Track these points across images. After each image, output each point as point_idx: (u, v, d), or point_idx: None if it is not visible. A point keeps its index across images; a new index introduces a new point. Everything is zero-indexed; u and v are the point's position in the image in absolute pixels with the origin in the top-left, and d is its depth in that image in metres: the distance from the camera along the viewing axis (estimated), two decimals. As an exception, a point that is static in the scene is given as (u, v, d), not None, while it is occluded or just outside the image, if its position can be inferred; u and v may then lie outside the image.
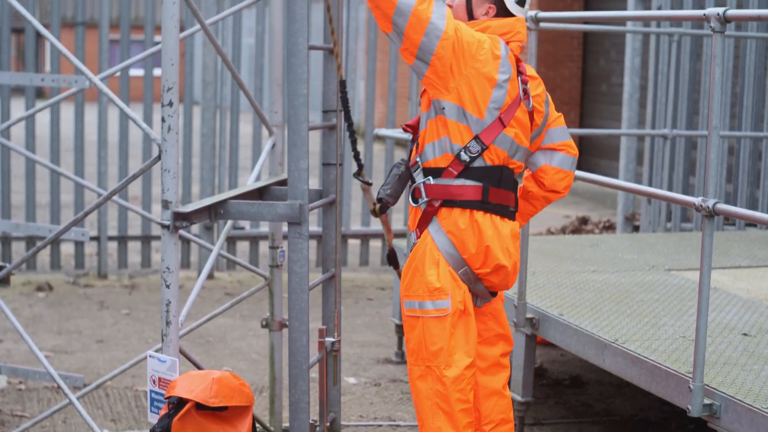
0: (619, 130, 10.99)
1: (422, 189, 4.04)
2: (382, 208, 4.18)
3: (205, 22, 4.55)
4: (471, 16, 4.12)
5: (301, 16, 4.30)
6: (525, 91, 4.09)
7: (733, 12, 4.01)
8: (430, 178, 4.02)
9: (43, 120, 10.37)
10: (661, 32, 8.76)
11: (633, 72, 9.36)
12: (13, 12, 8.55)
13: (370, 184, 4.37)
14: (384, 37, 5.91)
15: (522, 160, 4.13)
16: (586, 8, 15.63)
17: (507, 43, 4.06)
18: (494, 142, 3.99)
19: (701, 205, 4.08)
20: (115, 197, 5.26)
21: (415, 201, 4.09)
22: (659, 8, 9.07)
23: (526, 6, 4.16)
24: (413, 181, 4.11)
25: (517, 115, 4.04)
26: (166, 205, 4.20)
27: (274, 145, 5.24)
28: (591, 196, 14.57)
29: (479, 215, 3.99)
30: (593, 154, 15.82)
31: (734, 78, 9.52)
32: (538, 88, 4.19)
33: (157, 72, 10.86)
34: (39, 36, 10.46)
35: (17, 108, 11.47)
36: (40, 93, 30.17)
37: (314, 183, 10.39)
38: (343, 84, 4.67)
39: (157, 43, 4.77)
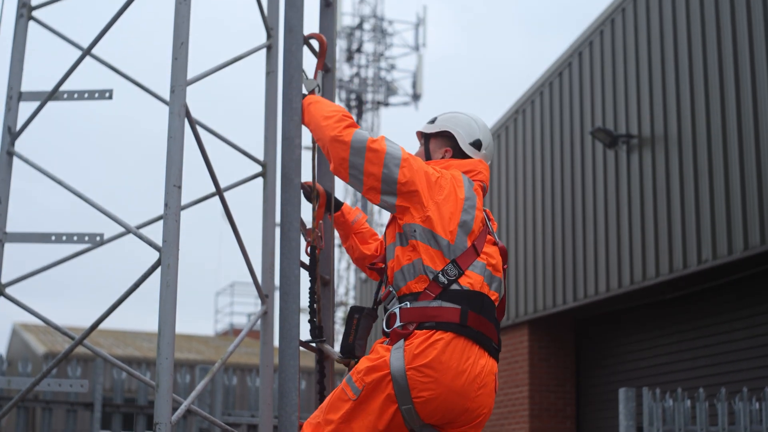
0: None
1: (397, 314, 3.83)
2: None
3: None
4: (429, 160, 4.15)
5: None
6: (489, 228, 4.03)
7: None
8: (407, 303, 3.83)
9: None
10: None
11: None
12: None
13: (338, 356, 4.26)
14: None
15: (499, 292, 3.94)
16: (578, 426, 15.57)
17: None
18: (470, 268, 3.84)
19: None
20: None
21: (389, 327, 3.86)
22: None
23: (483, 150, 4.14)
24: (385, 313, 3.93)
25: (486, 249, 3.95)
26: None
27: None
28: None
29: (458, 342, 3.75)
30: None
31: None
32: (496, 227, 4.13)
33: None
34: None
35: None
36: None
37: None
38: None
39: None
